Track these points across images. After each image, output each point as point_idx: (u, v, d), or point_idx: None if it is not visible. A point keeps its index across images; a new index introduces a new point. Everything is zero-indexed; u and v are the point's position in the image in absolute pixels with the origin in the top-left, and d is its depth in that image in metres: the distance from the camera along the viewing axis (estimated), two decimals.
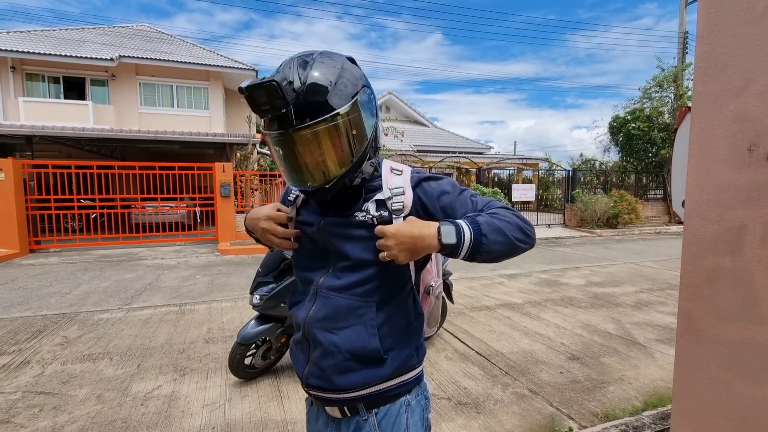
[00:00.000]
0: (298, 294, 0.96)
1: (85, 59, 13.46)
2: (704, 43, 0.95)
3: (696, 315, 0.99)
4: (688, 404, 1.01)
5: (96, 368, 3.06)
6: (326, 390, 0.88)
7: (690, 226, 0.99)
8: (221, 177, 9.63)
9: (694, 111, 0.98)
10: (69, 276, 6.35)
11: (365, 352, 0.85)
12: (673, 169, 1.25)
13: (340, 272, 0.88)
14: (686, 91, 13.88)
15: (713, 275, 0.95)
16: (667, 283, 5.83)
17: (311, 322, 0.87)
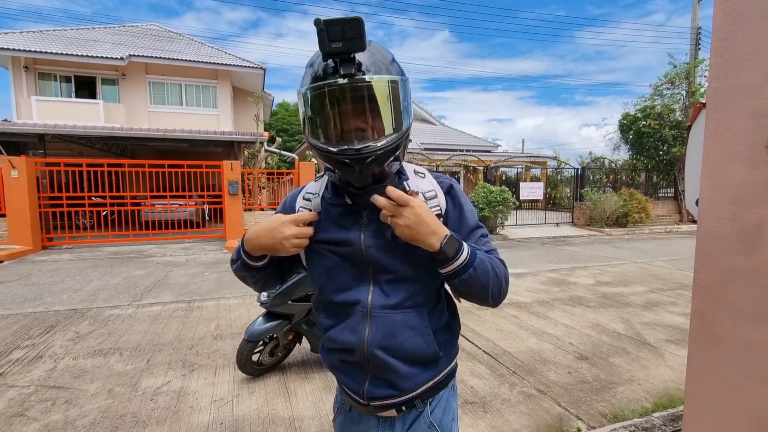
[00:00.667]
0: (331, 316, 0.91)
1: (96, 58, 13.62)
2: (721, 38, 0.92)
3: (710, 316, 0.97)
4: (701, 406, 0.99)
5: (107, 363, 3.10)
6: (392, 397, 0.88)
7: (704, 225, 0.97)
8: (229, 175, 9.69)
9: (709, 107, 0.96)
10: (80, 272, 6.45)
11: (427, 357, 0.88)
12: (686, 167, 1.23)
13: (386, 287, 0.86)
14: (698, 88, 13.64)
15: (728, 275, 0.93)
16: (677, 283, 5.75)
17: (372, 345, 0.85)
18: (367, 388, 0.88)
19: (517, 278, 6.12)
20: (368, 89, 0.75)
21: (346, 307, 0.88)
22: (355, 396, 0.91)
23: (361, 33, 0.69)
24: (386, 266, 0.85)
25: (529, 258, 8.01)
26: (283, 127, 33.63)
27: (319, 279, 0.92)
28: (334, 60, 0.73)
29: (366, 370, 0.88)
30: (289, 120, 35.30)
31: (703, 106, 1.14)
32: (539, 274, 6.40)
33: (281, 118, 35.15)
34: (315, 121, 0.79)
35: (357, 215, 0.87)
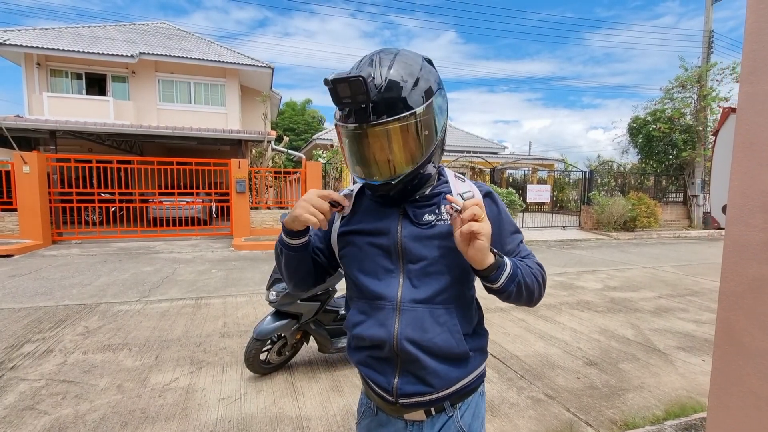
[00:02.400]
0: (361, 312, 0.92)
1: (107, 56, 13.75)
2: (753, 41, 0.90)
3: (737, 326, 0.95)
4: (725, 419, 0.97)
5: (116, 359, 3.12)
6: (422, 394, 0.88)
7: (732, 233, 0.95)
8: (237, 173, 9.73)
9: (739, 112, 0.93)
10: (89, 267, 6.50)
11: (456, 355, 0.88)
12: (713, 173, 1.20)
13: (416, 281, 0.87)
14: (710, 91, 13.48)
15: (757, 284, 0.91)
16: (687, 289, 5.68)
17: (402, 338, 0.85)
18: (397, 384, 0.88)
19: None
20: (383, 134, 0.80)
21: (376, 300, 0.89)
22: (384, 393, 0.90)
23: (365, 90, 0.74)
24: (418, 256, 0.87)
25: None
26: (289, 126, 33.72)
27: (351, 272, 0.94)
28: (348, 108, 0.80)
29: (395, 365, 0.88)
30: (296, 119, 35.39)
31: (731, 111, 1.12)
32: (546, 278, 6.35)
33: (288, 117, 35.25)
34: (344, 151, 0.87)
35: (396, 207, 0.91)
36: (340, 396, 2.63)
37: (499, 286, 0.82)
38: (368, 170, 0.84)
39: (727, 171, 0.97)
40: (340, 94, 0.76)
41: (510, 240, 0.92)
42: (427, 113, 0.81)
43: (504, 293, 0.84)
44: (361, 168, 0.85)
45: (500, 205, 0.94)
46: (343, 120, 0.81)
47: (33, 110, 13.84)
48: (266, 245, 8.74)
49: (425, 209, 0.89)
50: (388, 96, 0.78)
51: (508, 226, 0.93)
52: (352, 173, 0.88)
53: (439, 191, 0.91)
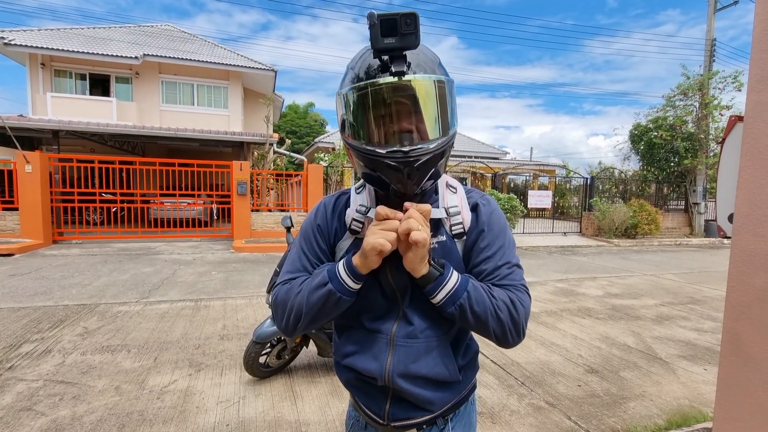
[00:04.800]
0: (354, 343, 0.88)
1: (111, 57, 13.81)
2: (761, 50, 0.90)
3: (744, 336, 0.93)
4: (731, 431, 0.95)
5: (114, 360, 3.11)
6: (415, 418, 0.86)
7: (739, 242, 0.94)
8: (238, 175, 9.74)
9: (747, 120, 0.93)
10: (89, 268, 6.49)
11: (449, 381, 0.86)
12: (719, 181, 1.20)
13: (412, 315, 0.83)
14: (712, 100, 13.50)
15: (764, 294, 0.90)
16: (689, 297, 5.66)
17: (394, 374, 0.82)
18: (389, 410, 0.86)
19: None
20: (420, 89, 0.72)
21: (373, 333, 0.85)
22: (375, 416, 0.89)
23: (416, 28, 0.67)
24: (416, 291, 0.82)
25: (536, 267, 7.93)
26: (291, 129, 33.81)
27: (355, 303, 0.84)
28: (384, 58, 0.69)
29: (387, 394, 0.86)
30: (298, 122, 35.48)
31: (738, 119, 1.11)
32: (547, 284, 6.33)
33: (290, 120, 35.34)
34: (361, 122, 0.75)
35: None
36: (340, 401, 2.61)
37: (437, 302, 0.78)
38: (396, 136, 0.73)
39: (733, 180, 0.96)
40: (384, 33, 0.66)
41: (487, 259, 0.83)
42: (452, 91, 0.77)
43: (445, 313, 0.78)
44: (385, 134, 0.73)
45: (485, 221, 0.85)
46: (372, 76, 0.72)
47: (36, 110, 13.89)
48: (267, 248, 8.74)
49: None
50: (424, 57, 0.75)
51: (490, 244, 0.84)
52: (369, 147, 0.74)
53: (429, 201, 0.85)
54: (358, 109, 0.75)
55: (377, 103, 0.72)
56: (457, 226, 0.83)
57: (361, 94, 0.73)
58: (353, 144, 0.77)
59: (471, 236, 0.85)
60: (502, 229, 0.86)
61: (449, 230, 0.83)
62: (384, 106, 0.72)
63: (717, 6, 13.85)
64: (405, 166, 0.72)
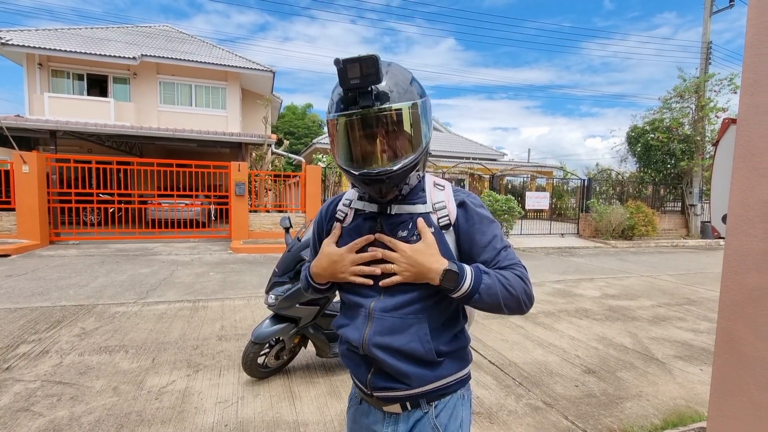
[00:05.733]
0: (345, 317, 1.01)
1: (109, 57, 13.79)
2: (753, 53, 0.92)
3: (737, 335, 0.95)
4: (726, 429, 0.97)
5: (112, 360, 3.10)
6: (393, 390, 0.94)
7: (732, 243, 0.96)
8: (236, 176, 9.74)
9: (740, 123, 0.95)
10: (87, 268, 6.47)
11: (426, 360, 0.93)
12: (713, 183, 1.21)
13: (387, 294, 0.93)
14: (708, 102, 13.59)
15: (757, 294, 0.91)
16: (685, 298, 5.69)
17: (370, 343, 0.92)
18: (370, 379, 0.95)
19: None
20: (384, 117, 0.82)
21: (353, 309, 0.98)
22: (361, 385, 0.99)
23: (377, 69, 0.77)
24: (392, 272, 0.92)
25: (534, 268, 7.96)
26: (290, 130, 33.79)
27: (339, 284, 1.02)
28: (353, 93, 0.81)
29: (369, 363, 0.96)
30: (296, 123, 35.47)
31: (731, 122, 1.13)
32: (545, 285, 6.36)
33: (288, 121, 35.32)
34: (339, 145, 0.88)
35: (374, 222, 0.96)
36: (338, 401, 2.62)
37: (456, 297, 0.88)
38: (368, 158, 0.86)
39: (727, 181, 0.98)
40: (349, 75, 0.78)
41: (485, 251, 0.93)
42: (422, 110, 0.87)
43: (467, 302, 0.89)
44: (359, 156, 0.86)
45: (474, 215, 0.95)
46: (343, 108, 0.83)
47: (34, 110, 13.85)
48: (265, 248, 8.73)
49: (399, 225, 0.93)
50: (391, 85, 0.83)
51: (482, 237, 0.94)
52: (348, 166, 0.88)
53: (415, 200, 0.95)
54: (335, 134, 0.88)
55: (349, 131, 0.85)
56: (443, 218, 0.93)
57: (337, 123, 0.86)
58: (337, 162, 0.91)
59: (463, 229, 0.95)
60: (491, 220, 0.97)
61: (437, 222, 0.93)
62: (355, 133, 0.85)
63: (713, 9, 13.95)
64: (375, 183, 0.86)
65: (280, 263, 2.78)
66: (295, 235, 2.94)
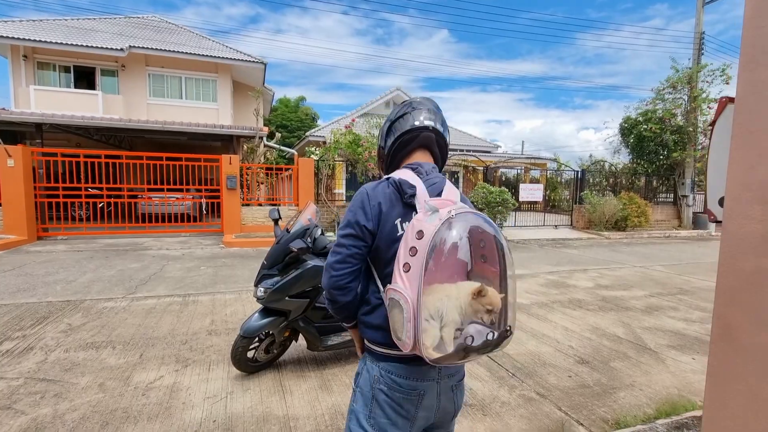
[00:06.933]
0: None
1: (96, 49, 13.49)
2: (752, 27, 0.87)
3: (734, 322, 0.92)
4: (722, 418, 0.94)
5: (99, 356, 3.04)
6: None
7: (729, 226, 0.92)
8: (227, 169, 9.61)
9: (738, 101, 0.90)
10: (75, 264, 6.37)
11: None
12: (709, 165, 1.17)
13: None
14: (700, 92, 13.61)
15: (755, 279, 0.88)
16: (678, 288, 5.72)
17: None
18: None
19: (516, 280, 6.06)
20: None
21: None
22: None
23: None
24: None
25: (528, 260, 7.97)
26: (282, 123, 33.49)
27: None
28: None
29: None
30: (289, 116, 35.15)
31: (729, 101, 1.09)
32: (538, 276, 6.36)
33: (281, 114, 34.99)
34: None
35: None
36: (329, 395, 2.58)
37: None
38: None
39: (724, 162, 0.94)
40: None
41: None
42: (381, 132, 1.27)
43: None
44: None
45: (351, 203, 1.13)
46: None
47: (19, 103, 13.55)
48: (257, 242, 8.65)
49: None
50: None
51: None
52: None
53: None
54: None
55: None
56: None
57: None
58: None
59: None
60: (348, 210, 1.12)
61: None
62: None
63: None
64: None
65: (269, 255, 2.72)
66: (284, 227, 2.88)
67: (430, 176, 1.13)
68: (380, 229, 1.06)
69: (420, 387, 1.04)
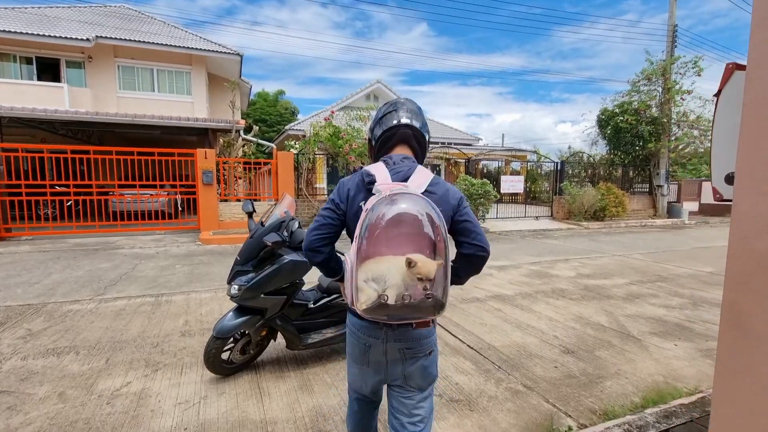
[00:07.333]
0: None
1: (60, 39, 12.80)
2: None
3: (745, 309, 0.84)
4: (732, 412, 0.86)
5: (60, 363, 2.83)
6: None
7: (741, 204, 0.83)
8: (203, 164, 9.27)
9: (751, 64, 0.81)
10: (39, 265, 6.01)
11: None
12: (713, 139, 1.09)
13: None
14: (674, 84, 13.93)
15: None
16: (656, 275, 5.80)
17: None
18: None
19: (500, 270, 6.05)
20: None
21: None
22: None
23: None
24: None
25: (510, 251, 7.98)
26: (261, 118, 32.78)
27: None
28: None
29: None
30: (269, 110, 34.45)
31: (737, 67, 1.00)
32: (521, 267, 6.36)
33: (259, 108, 34.25)
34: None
35: None
36: (310, 396, 2.46)
37: None
38: None
39: (731, 135, 0.85)
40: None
41: None
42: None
43: None
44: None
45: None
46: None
47: None
48: (236, 239, 8.39)
49: None
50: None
51: None
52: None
53: None
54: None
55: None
56: None
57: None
58: None
59: None
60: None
61: None
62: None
63: None
64: None
65: (242, 251, 2.56)
66: (258, 220, 2.72)
67: (397, 165, 1.31)
68: (348, 209, 1.30)
69: (367, 341, 1.30)
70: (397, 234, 1.07)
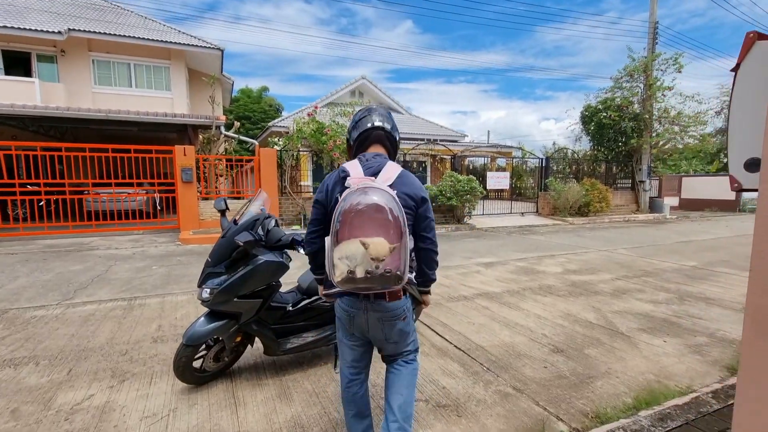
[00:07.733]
0: None
1: (29, 32, 12.22)
2: None
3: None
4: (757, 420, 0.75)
5: (17, 376, 2.61)
6: None
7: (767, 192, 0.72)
8: (182, 161, 8.97)
9: None
10: (5, 268, 5.69)
11: None
12: (731, 121, 0.98)
13: None
14: (655, 81, 14.11)
15: None
16: (642, 270, 5.81)
17: None
18: None
19: (487, 267, 5.97)
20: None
21: None
22: None
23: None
24: None
25: (497, 247, 7.94)
26: (245, 114, 32.20)
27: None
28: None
29: None
30: (252, 107, 33.85)
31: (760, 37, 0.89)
32: (508, 263, 6.30)
33: (243, 104, 33.62)
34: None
35: None
36: (288, 405, 2.30)
37: None
38: None
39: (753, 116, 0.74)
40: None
41: None
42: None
43: None
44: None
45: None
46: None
47: None
48: (216, 238, 8.11)
49: None
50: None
51: None
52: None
53: None
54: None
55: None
56: None
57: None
58: None
59: None
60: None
61: None
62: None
63: None
64: None
65: (213, 251, 2.39)
66: (232, 218, 2.55)
67: (370, 162, 1.55)
68: (329, 202, 1.55)
69: (351, 311, 1.59)
70: (363, 220, 1.29)
